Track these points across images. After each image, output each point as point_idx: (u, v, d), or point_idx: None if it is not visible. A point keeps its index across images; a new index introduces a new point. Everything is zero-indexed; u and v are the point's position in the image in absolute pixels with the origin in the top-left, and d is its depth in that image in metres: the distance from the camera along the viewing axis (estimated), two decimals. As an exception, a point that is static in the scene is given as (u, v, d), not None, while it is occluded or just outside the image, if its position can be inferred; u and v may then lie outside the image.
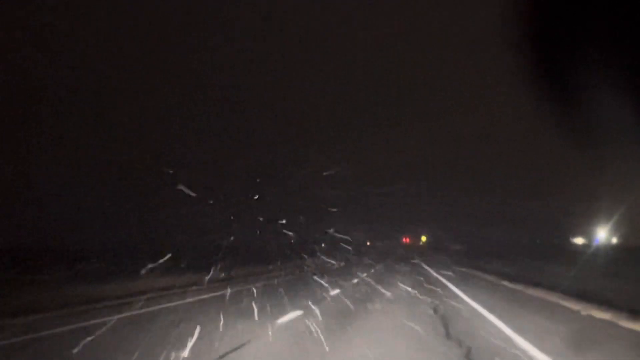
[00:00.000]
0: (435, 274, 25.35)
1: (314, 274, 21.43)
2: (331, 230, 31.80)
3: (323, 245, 36.82)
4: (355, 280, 20.01)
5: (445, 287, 17.23)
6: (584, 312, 10.28)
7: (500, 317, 9.31)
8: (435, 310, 10.32)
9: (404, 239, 65.00)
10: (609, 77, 5.42)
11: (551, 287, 14.38)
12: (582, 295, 11.88)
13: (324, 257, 32.54)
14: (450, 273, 25.02)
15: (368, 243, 60.54)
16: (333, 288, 15.53)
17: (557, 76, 6.14)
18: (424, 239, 70.07)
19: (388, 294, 14.13)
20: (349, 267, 31.26)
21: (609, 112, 6.32)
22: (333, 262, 33.29)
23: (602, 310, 10.13)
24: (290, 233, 24.84)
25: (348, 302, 11.44)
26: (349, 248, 35.39)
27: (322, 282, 17.55)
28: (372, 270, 28.63)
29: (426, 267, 33.78)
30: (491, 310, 10.42)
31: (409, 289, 15.64)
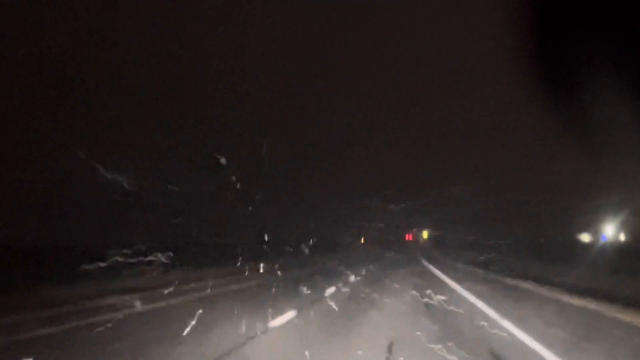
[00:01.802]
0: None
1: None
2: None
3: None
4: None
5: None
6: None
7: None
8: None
9: (406, 236, 64.71)
10: (615, 74, 5.19)
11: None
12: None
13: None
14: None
15: (362, 240, 60.53)
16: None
17: (562, 76, 5.90)
18: (425, 235, 69.71)
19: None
20: None
21: (616, 108, 6.06)
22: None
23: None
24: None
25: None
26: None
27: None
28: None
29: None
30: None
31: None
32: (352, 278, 19.60)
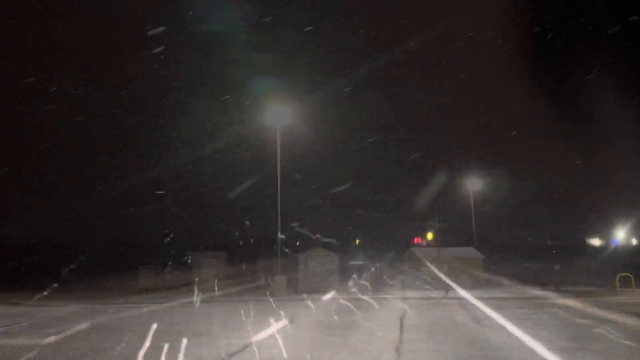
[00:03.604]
0: None
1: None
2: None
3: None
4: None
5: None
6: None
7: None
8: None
9: (415, 240, 67.52)
10: (623, 78, 5.28)
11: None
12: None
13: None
14: None
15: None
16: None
17: (571, 81, 5.97)
18: (430, 236, 70.03)
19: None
20: None
21: (626, 113, 6.15)
22: None
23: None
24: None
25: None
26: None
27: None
28: None
29: None
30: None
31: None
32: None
